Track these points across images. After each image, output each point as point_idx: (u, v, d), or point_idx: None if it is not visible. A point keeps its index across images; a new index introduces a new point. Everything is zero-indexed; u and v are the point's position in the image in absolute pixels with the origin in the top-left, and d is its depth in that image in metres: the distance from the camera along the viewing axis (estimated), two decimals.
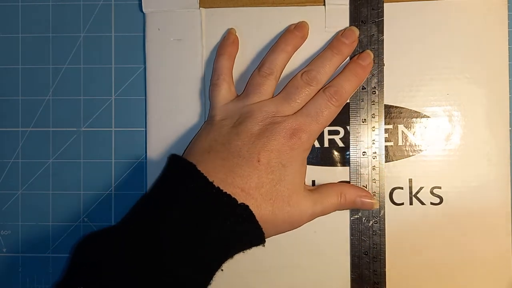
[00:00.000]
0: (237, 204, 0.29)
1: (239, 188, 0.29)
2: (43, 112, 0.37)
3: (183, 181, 0.30)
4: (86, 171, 0.37)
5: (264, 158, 0.30)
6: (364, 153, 0.34)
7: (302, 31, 0.34)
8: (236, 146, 0.30)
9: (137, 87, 0.37)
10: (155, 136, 0.36)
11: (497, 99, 0.35)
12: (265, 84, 0.33)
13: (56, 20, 0.37)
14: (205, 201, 0.29)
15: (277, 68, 0.33)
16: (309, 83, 0.32)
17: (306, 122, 0.31)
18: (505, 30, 0.34)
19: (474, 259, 0.35)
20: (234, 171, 0.30)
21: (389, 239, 0.35)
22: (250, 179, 0.30)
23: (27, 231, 0.37)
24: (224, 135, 0.31)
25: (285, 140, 0.31)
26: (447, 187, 0.35)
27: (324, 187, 0.33)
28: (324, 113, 0.32)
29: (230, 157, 0.30)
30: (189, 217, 0.28)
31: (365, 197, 0.33)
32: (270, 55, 0.34)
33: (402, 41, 0.35)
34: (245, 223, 0.29)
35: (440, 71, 0.35)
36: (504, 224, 0.35)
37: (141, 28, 0.36)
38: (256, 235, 0.30)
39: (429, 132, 0.35)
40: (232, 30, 0.35)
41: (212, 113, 0.34)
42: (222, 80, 0.34)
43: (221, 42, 0.35)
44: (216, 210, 0.29)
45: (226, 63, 0.34)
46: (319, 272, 0.35)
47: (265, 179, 0.30)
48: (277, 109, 0.31)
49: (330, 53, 0.33)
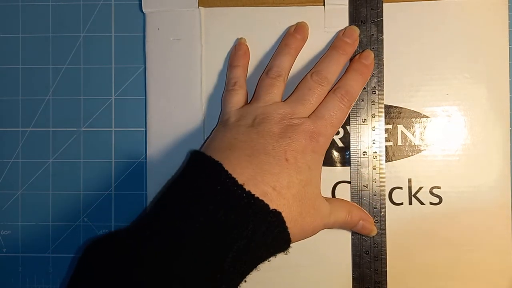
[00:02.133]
0: (269, 210, 0.27)
1: (271, 187, 0.28)
2: (43, 112, 0.37)
3: (209, 182, 0.27)
4: (86, 171, 0.37)
5: (291, 157, 0.29)
6: (365, 153, 0.34)
7: (302, 33, 0.34)
8: (260, 144, 0.29)
9: (137, 87, 0.37)
10: (155, 136, 0.36)
11: (497, 99, 0.35)
12: (275, 85, 0.32)
13: (56, 20, 0.37)
14: (234, 207, 0.26)
15: (284, 71, 0.33)
16: (320, 83, 0.32)
17: (322, 125, 0.31)
18: (506, 30, 0.35)
19: (473, 259, 0.35)
20: (263, 168, 0.28)
21: (389, 239, 0.35)
22: (281, 177, 0.28)
23: (27, 231, 0.37)
24: (243, 134, 0.30)
25: (306, 142, 0.30)
26: (447, 187, 0.35)
27: (336, 200, 0.34)
28: (338, 114, 0.31)
29: (256, 153, 0.29)
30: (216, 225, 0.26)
31: (367, 221, 0.33)
32: (275, 59, 0.34)
33: (401, 41, 0.35)
34: (275, 231, 0.27)
35: (440, 71, 0.35)
36: (504, 224, 0.35)
37: (141, 28, 0.36)
38: (284, 242, 0.29)
39: (428, 132, 0.35)
40: (243, 40, 0.35)
41: (225, 117, 0.33)
42: (238, 86, 0.34)
43: (233, 53, 0.35)
44: (246, 218, 0.26)
45: (241, 73, 0.34)
46: (320, 271, 0.35)
47: (295, 179, 0.29)
48: (293, 111, 0.31)
49: (336, 53, 0.33)
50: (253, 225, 0.26)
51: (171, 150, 0.36)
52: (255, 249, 0.27)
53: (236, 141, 0.30)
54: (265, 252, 0.29)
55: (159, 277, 0.25)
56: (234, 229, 0.26)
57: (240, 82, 0.34)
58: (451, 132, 0.35)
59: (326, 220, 0.31)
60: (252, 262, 0.28)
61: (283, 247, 0.29)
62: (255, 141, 0.29)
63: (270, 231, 0.27)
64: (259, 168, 0.28)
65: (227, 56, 0.36)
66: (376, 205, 0.34)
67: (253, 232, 0.26)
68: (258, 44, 0.35)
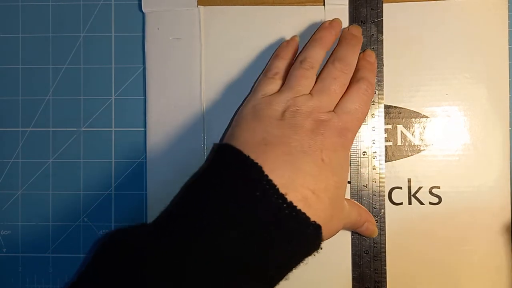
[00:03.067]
0: (310, 223, 0.26)
1: (310, 190, 0.27)
2: (43, 112, 0.37)
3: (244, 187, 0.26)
4: (86, 171, 0.37)
5: (326, 157, 0.28)
6: (365, 153, 0.35)
7: (337, 29, 0.34)
8: (295, 141, 0.28)
9: (137, 87, 0.37)
10: (155, 136, 0.36)
11: (497, 99, 0.35)
12: (308, 76, 0.31)
13: (56, 20, 0.37)
14: (275, 218, 0.25)
15: (318, 63, 0.32)
16: (344, 71, 0.31)
17: (349, 120, 0.30)
18: (505, 30, 0.35)
19: (473, 259, 0.35)
20: (302, 170, 0.27)
21: (389, 238, 0.35)
22: (319, 179, 0.27)
23: (27, 231, 0.37)
24: (275, 127, 0.28)
25: (336, 139, 0.29)
26: (446, 187, 0.35)
27: (348, 201, 0.33)
28: (363, 108, 0.31)
29: (294, 151, 0.27)
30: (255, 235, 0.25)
31: (370, 223, 0.33)
32: (310, 50, 0.33)
33: (401, 41, 0.35)
34: (312, 243, 0.27)
35: (440, 71, 0.35)
36: (504, 225, 0.35)
37: (141, 28, 0.36)
38: (315, 250, 0.28)
39: (428, 132, 0.35)
40: (296, 38, 0.34)
41: (253, 102, 0.31)
42: (278, 77, 0.32)
43: (284, 45, 0.34)
44: (288, 232, 0.25)
45: (286, 66, 0.33)
46: (320, 271, 0.35)
47: (331, 181, 0.28)
48: (321, 103, 0.30)
49: (349, 43, 0.33)
50: (291, 239, 0.25)
51: (171, 150, 0.36)
52: (289, 262, 0.27)
53: (269, 135, 0.28)
54: (299, 261, 0.28)
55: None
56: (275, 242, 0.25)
57: (281, 75, 0.33)
58: (451, 132, 0.35)
59: (345, 221, 0.31)
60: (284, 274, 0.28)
61: (313, 253, 0.28)
62: (291, 137, 0.28)
63: (307, 243, 0.27)
64: (298, 169, 0.27)
65: (227, 56, 0.36)
66: (375, 205, 0.35)
67: (290, 247, 0.26)
68: (257, 44, 0.35)
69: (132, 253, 0.25)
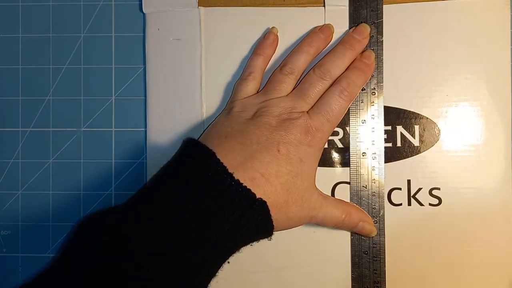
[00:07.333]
0: (255, 199, 0.28)
1: (259, 173, 0.29)
2: (43, 112, 0.37)
3: (200, 168, 0.29)
4: (86, 171, 0.37)
5: (283, 149, 0.30)
6: (364, 154, 0.35)
7: (326, 33, 0.34)
8: (254, 134, 0.30)
9: (137, 87, 0.37)
10: (155, 136, 0.36)
11: (498, 100, 0.35)
12: (285, 82, 0.33)
13: (56, 20, 0.37)
14: (222, 194, 0.28)
15: (298, 69, 0.33)
16: (323, 77, 0.32)
17: (319, 120, 0.31)
18: (507, 30, 0.35)
19: (473, 261, 0.35)
20: (253, 156, 0.30)
21: (388, 239, 0.35)
22: (270, 166, 0.30)
23: (27, 231, 0.37)
24: (241, 124, 0.31)
25: (302, 136, 0.31)
26: (446, 188, 0.35)
27: (335, 200, 0.34)
28: (336, 109, 0.32)
29: (249, 142, 0.30)
30: (204, 209, 0.28)
31: (367, 223, 0.34)
32: (293, 55, 0.34)
33: (401, 42, 0.35)
34: (259, 218, 0.29)
35: (440, 72, 0.35)
36: (504, 226, 0.35)
37: (141, 28, 0.37)
38: (267, 229, 0.30)
39: (428, 133, 0.35)
40: (274, 30, 0.35)
41: (230, 105, 0.34)
42: (252, 77, 0.34)
43: (261, 41, 0.35)
44: (233, 204, 0.28)
45: (261, 63, 0.34)
46: (319, 271, 0.35)
47: (284, 169, 0.30)
48: (294, 105, 0.32)
49: (343, 48, 0.34)
50: (239, 212, 0.28)
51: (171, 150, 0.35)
52: (238, 233, 0.28)
53: (232, 130, 0.31)
54: (248, 237, 0.30)
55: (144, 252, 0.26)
56: (220, 213, 0.28)
57: (256, 73, 0.34)
58: (451, 133, 0.35)
59: (314, 213, 0.32)
60: (235, 245, 0.30)
61: (266, 233, 0.30)
62: (251, 132, 0.31)
63: (255, 218, 0.28)
64: (249, 156, 0.29)
65: (227, 56, 0.36)
66: (375, 206, 0.35)
67: (238, 218, 0.28)
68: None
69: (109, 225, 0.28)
